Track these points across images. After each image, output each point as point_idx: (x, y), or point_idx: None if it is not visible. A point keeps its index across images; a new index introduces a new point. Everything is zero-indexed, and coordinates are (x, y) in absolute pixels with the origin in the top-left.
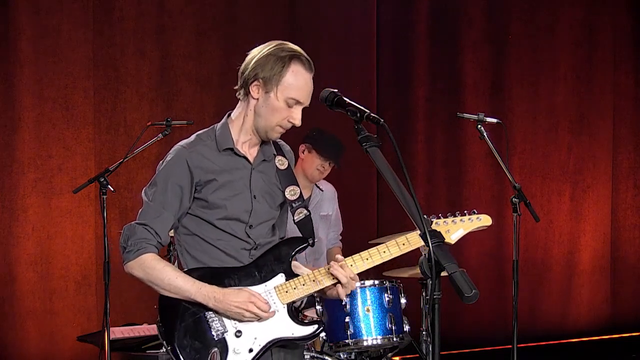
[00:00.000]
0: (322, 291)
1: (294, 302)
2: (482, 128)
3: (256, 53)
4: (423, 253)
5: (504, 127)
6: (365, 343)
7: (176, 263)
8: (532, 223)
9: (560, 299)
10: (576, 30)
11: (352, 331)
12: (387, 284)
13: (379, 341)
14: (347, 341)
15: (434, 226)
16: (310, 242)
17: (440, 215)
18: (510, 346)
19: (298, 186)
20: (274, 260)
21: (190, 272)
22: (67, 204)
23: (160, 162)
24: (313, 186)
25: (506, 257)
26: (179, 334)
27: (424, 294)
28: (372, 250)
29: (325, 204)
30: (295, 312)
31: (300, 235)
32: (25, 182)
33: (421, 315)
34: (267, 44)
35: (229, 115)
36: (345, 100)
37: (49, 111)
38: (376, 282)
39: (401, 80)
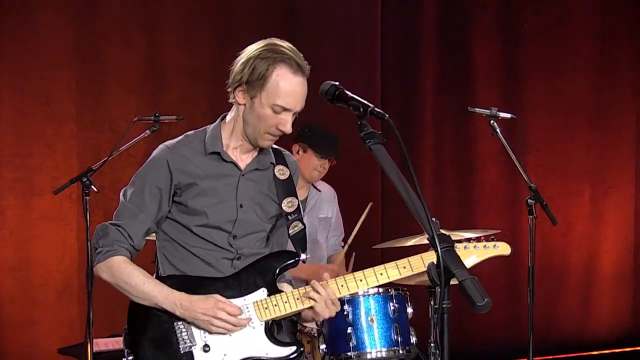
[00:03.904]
0: (298, 315)
1: (273, 319)
2: (495, 124)
3: (244, 54)
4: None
5: (519, 122)
6: (368, 356)
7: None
8: (549, 226)
9: (579, 309)
10: (595, 18)
11: (355, 343)
12: (393, 292)
13: (383, 354)
14: (349, 354)
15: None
16: (302, 257)
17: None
18: (525, 359)
19: (297, 198)
20: (257, 274)
21: (164, 279)
22: (47, 206)
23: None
24: (310, 187)
25: (521, 264)
26: (145, 344)
27: (432, 302)
28: (368, 271)
29: (324, 206)
30: (274, 331)
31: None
32: (3, 182)
33: (429, 326)
34: (259, 43)
35: (224, 117)
36: (347, 94)
37: (27, 106)
38: (380, 289)
39: (407, 72)
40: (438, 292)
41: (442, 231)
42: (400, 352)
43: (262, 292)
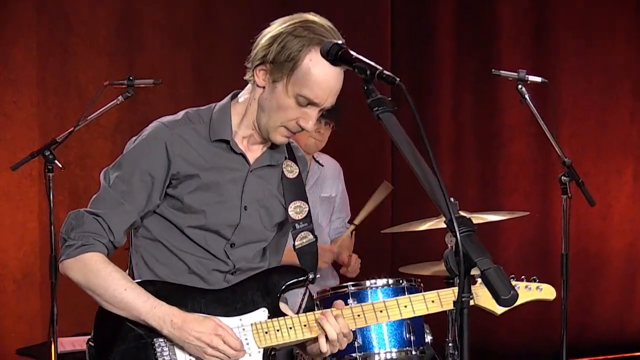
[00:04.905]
0: (302, 345)
1: (273, 347)
2: (524, 89)
3: (274, 27)
4: (449, 245)
5: (550, 87)
6: (376, 357)
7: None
8: (586, 207)
9: (620, 303)
10: None
11: (361, 343)
12: (405, 283)
13: (393, 355)
14: (354, 355)
15: (478, 286)
16: (310, 277)
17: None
18: None
19: (307, 203)
20: (256, 290)
21: (143, 285)
22: (4, 184)
23: (133, 138)
24: (310, 160)
25: (553, 250)
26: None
27: None
28: (390, 301)
29: (328, 183)
30: (271, 359)
31: (299, 265)
32: None
33: (447, 323)
34: (293, 16)
35: (235, 95)
36: (352, 54)
37: None
38: (390, 281)
39: (421, 31)
40: (457, 283)
41: (462, 213)
42: (413, 352)
43: (262, 313)
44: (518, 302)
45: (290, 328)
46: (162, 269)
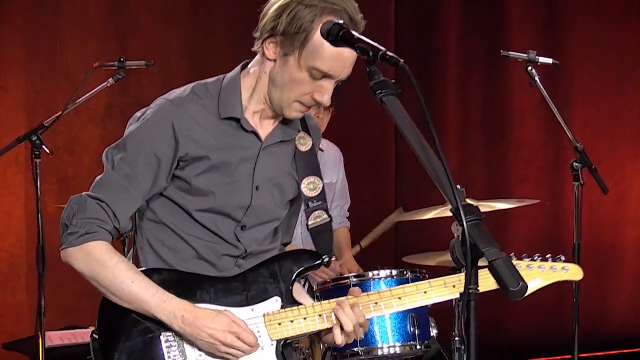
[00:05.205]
0: (317, 334)
1: (286, 339)
2: (534, 70)
3: None
4: (456, 234)
5: (562, 69)
6: (379, 352)
7: (129, 256)
8: (599, 195)
9: (636, 294)
10: None
11: (363, 336)
12: (409, 274)
13: (397, 349)
14: (355, 349)
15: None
16: (325, 260)
17: (512, 254)
18: (569, 356)
19: (321, 177)
20: (268, 277)
21: (148, 274)
22: None
23: (134, 117)
24: None
25: (564, 240)
26: (120, 356)
27: None
28: (410, 287)
29: (327, 169)
30: (287, 355)
31: (313, 247)
32: None
33: (453, 316)
34: None
35: (245, 66)
36: (354, 35)
37: None
38: (394, 271)
39: (426, 10)
40: (464, 274)
41: (469, 201)
42: (418, 347)
43: (274, 302)
44: (546, 283)
45: (305, 318)
46: (169, 254)
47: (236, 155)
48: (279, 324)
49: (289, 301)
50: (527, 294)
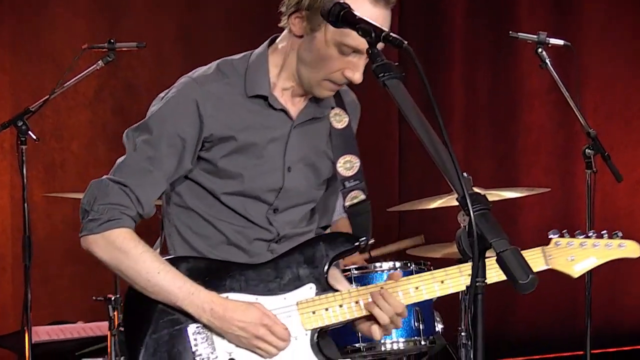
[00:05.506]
0: (353, 322)
1: (321, 329)
2: (544, 52)
3: None
4: (462, 225)
5: (574, 51)
6: (382, 348)
7: (156, 244)
8: (612, 184)
9: None
10: None
11: None
12: (413, 267)
13: (400, 345)
14: (357, 345)
15: (551, 247)
16: (363, 242)
17: (565, 231)
18: (581, 352)
19: (358, 156)
20: (302, 263)
21: (175, 262)
22: None
23: (157, 97)
24: None
25: (576, 230)
26: (147, 350)
27: None
28: (453, 270)
29: None
30: (322, 345)
31: (350, 230)
32: None
33: (459, 311)
34: None
35: (273, 41)
36: (355, 15)
37: None
38: (397, 264)
39: None
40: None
41: (476, 190)
42: (422, 342)
43: (308, 290)
44: (601, 262)
45: (341, 306)
46: (198, 240)
47: (264, 136)
48: (313, 312)
49: (324, 288)
50: (582, 272)
